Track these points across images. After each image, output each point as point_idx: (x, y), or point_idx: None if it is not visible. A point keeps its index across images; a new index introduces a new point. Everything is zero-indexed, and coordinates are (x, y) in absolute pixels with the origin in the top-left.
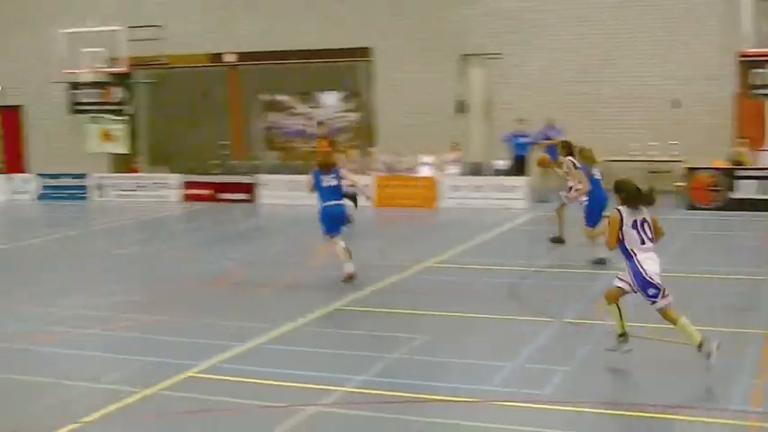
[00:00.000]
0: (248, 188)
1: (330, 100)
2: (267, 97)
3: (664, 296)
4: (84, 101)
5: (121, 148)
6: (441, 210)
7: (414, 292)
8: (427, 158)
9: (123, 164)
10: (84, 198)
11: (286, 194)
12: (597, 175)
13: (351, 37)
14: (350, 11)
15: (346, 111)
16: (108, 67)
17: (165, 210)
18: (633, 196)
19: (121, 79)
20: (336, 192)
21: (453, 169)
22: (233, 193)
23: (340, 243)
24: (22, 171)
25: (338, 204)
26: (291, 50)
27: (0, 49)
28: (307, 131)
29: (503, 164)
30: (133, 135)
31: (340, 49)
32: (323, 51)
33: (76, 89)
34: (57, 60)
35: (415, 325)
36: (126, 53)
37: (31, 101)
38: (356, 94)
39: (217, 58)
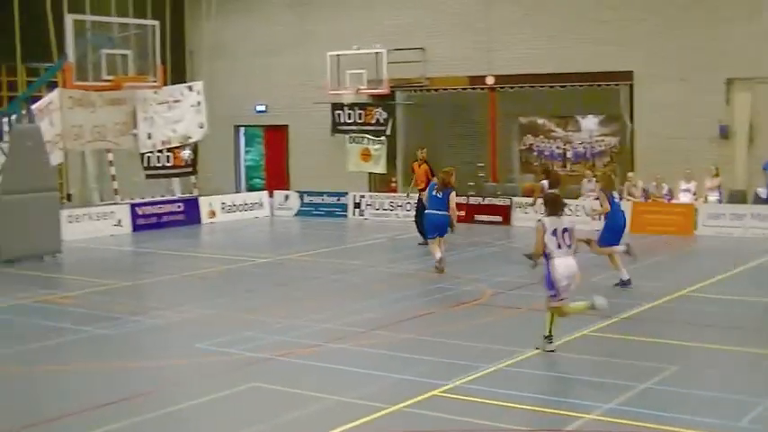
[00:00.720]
0: (503, 210)
1: (589, 124)
2: (525, 120)
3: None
4: (346, 121)
5: (380, 167)
6: (698, 238)
7: (666, 321)
8: (687, 185)
9: (381, 183)
10: (342, 216)
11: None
12: (616, 198)
13: (613, 60)
14: (613, 34)
15: (605, 135)
16: (370, 89)
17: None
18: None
19: (382, 101)
20: (442, 203)
21: (714, 196)
22: (488, 215)
23: (435, 245)
24: (284, 188)
25: (441, 214)
26: (551, 73)
27: (269, 71)
28: (566, 155)
29: (765, 192)
30: (390, 155)
31: (601, 72)
32: (584, 75)
33: (339, 110)
34: (322, 82)
35: (665, 355)
36: (388, 75)
37: (296, 120)
38: (616, 118)
39: (476, 80)
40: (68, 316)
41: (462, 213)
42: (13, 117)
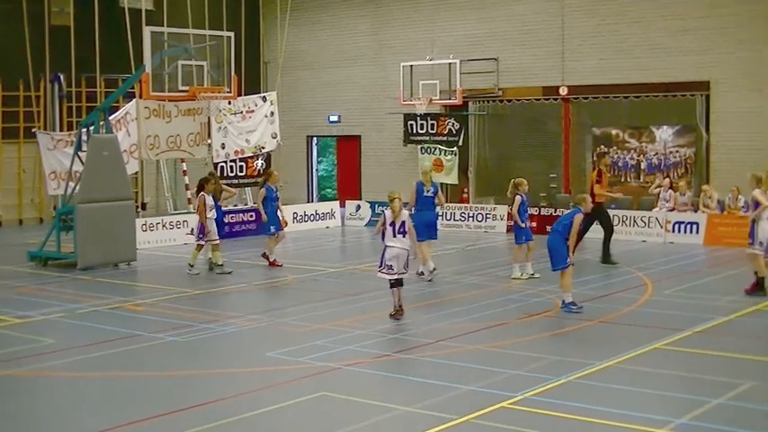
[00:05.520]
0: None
1: (664, 134)
2: (599, 131)
3: None
4: (418, 131)
5: (451, 178)
6: None
7: (741, 335)
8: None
9: (453, 194)
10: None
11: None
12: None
13: (689, 70)
14: (689, 44)
15: (680, 146)
16: (443, 100)
17: (489, 240)
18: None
19: (455, 111)
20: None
21: None
22: None
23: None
24: (356, 198)
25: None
26: (625, 84)
27: (342, 82)
28: (640, 166)
29: None
30: (462, 166)
31: (677, 82)
32: (659, 85)
33: (412, 120)
34: (395, 92)
35: (740, 369)
36: (461, 86)
37: (368, 131)
38: (691, 129)
39: (550, 90)
40: (142, 323)
41: (534, 224)
42: (92, 127)
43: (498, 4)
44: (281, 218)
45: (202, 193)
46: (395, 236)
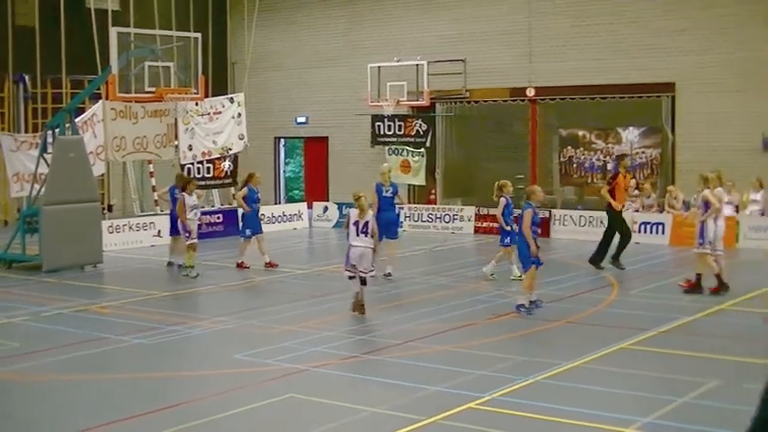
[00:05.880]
0: (542, 223)
1: (630, 135)
2: (565, 132)
3: None
4: (386, 133)
5: (419, 179)
6: (740, 251)
7: (706, 335)
8: (728, 197)
9: (420, 195)
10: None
11: (579, 230)
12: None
13: (655, 72)
14: (654, 45)
15: (646, 147)
16: (410, 101)
17: (457, 241)
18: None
19: (422, 112)
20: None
21: (756, 208)
22: None
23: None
24: (323, 200)
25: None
26: (592, 85)
27: (310, 83)
28: (606, 167)
29: None
30: (430, 167)
31: (643, 84)
32: (625, 86)
33: (379, 121)
34: (362, 93)
35: (705, 368)
36: (428, 87)
37: (336, 132)
38: (657, 130)
39: (517, 92)
40: (109, 325)
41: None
42: (57, 129)
43: (467, 5)
44: (260, 220)
45: (183, 192)
46: (358, 235)
